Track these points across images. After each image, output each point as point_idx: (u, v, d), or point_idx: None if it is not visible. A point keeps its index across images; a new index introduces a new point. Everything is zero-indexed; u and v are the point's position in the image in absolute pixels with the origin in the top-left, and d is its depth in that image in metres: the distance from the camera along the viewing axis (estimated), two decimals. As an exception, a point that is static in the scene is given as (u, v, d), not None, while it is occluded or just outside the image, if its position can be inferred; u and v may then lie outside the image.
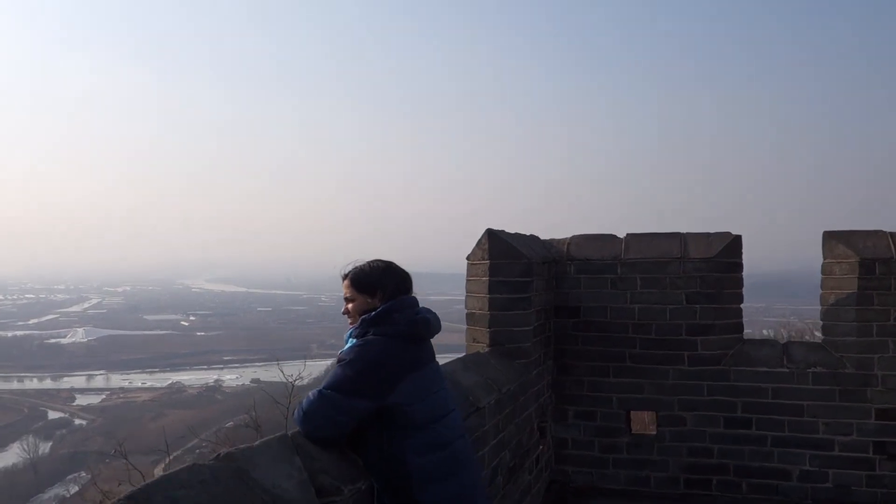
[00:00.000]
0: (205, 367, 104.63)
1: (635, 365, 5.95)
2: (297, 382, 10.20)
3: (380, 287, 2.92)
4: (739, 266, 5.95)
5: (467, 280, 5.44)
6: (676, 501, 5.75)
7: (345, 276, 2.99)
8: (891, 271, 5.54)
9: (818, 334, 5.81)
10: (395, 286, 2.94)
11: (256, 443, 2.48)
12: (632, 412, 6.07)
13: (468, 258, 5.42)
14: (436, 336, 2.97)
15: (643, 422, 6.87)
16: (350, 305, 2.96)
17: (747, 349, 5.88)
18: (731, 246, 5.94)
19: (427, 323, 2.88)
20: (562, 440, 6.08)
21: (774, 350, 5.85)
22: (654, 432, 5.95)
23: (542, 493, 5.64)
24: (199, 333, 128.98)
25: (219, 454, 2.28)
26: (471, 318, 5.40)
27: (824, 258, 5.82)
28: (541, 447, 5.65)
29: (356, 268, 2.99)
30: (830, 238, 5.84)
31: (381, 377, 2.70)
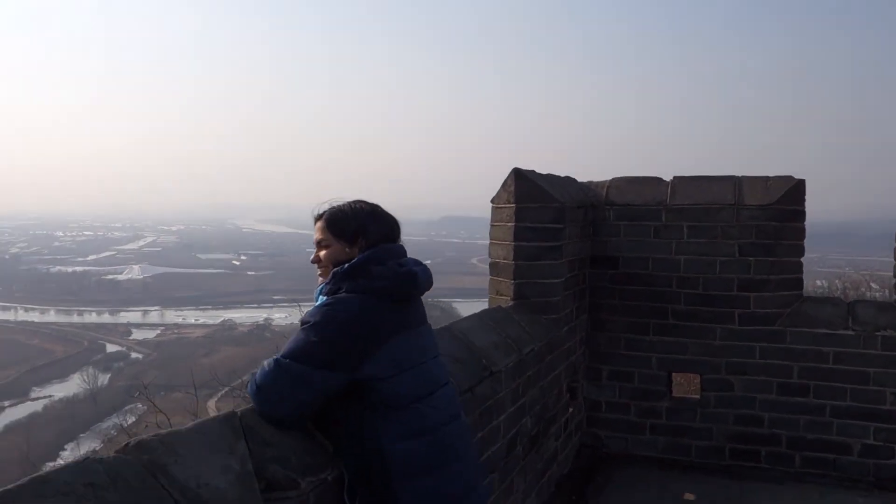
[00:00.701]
0: (255, 305, 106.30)
1: (679, 322, 5.36)
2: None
3: (362, 234, 2.38)
4: (802, 214, 5.27)
5: (491, 226, 4.88)
6: (719, 473, 5.21)
7: (318, 217, 2.45)
8: (980, 223, 4.81)
9: (875, 287, 5.12)
10: (381, 234, 2.41)
11: (188, 425, 2.00)
12: (673, 374, 5.51)
13: (493, 201, 4.85)
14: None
15: (686, 385, 6.29)
16: (322, 253, 2.43)
17: (807, 308, 5.23)
18: (793, 191, 5.25)
19: (413, 277, 2.34)
20: (595, 402, 5.56)
21: (838, 309, 5.19)
22: (698, 397, 5.38)
23: (571, 460, 5.16)
24: (249, 273, 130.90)
25: (127, 443, 1.80)
26: (494, 267, 4.86)
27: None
28: (570, 409, 5.14)
29: (334, 207, 2.46)
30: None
31: (352, 344, 2.19)
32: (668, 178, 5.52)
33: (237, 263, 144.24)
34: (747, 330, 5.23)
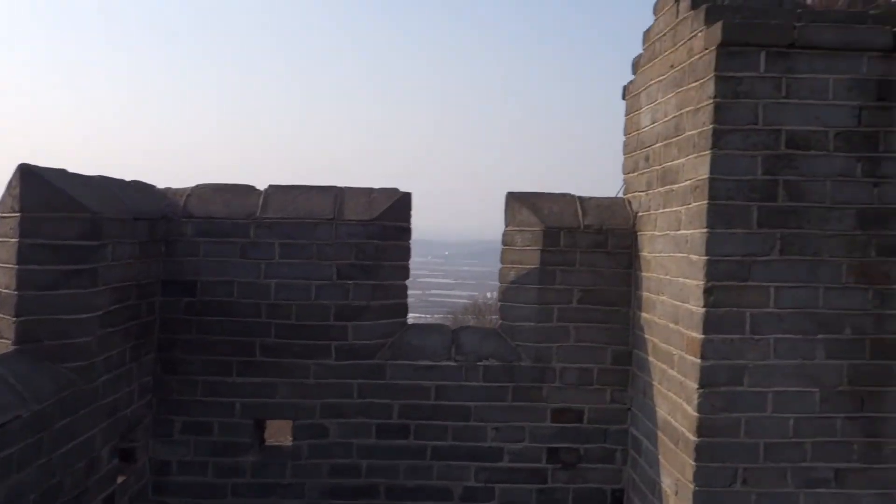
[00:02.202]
0: None
1: (268, 359, 4.50)
2: None
3: None
4: (407, 232, 4.71)
5: (-7, 243, 3.61)
6: (313, 535, 4.43)
7: None
8: (577, 244, 4.58)
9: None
10: None
11: None
12: (261, 421, 4.63)
13: (-5, 210, 3.58)
14: None
15: (276, 433, 5.48)
16: None
17: (410, 337, 4.66)
18: (398, 206, 4.68)
19: None
20: (164, 463, 4.48)
21: (443, 338, 4.69)
22: (290, 446, 4.56)
23: (124, 542, 4.03)
24: None
25: None
26: (-6, 299, 3.59)
27: (506, 225, 4.75)
28: (122, 479, 4.02)
29: None
30: (514, 201, 4.78)
31: None
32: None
33: None
34: (344, 365, 4.52)
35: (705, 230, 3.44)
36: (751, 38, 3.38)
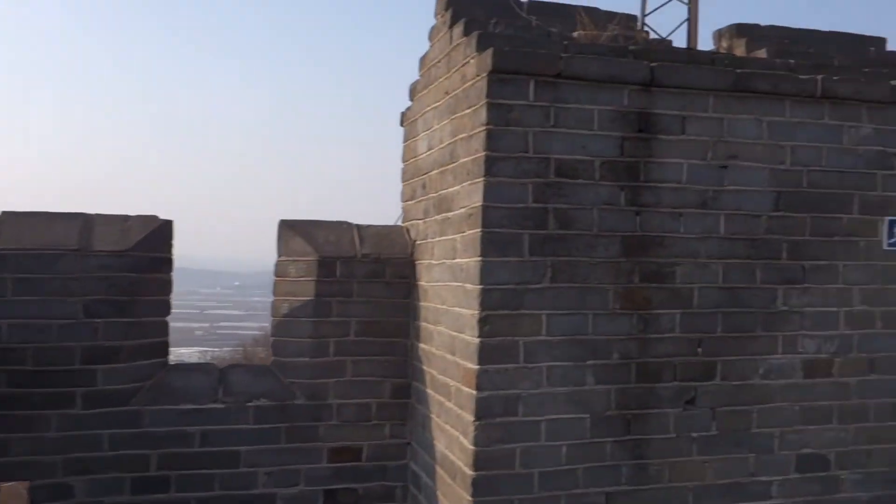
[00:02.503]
0: None
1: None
2: None
3: None
4: (168, 263, 4.28)
5: None
6: None
7: None
8: (353, 273, 4.39)
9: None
10: None
11: None
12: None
13: None
14: None
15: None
16: None
17: (172, 379, 4.23)
18: (157, 234, 4.25)
19: None
20: None
21: (209, 379, 4.30)
22: None
23: None
24: None
25: None
26: None
27: (279, 255, 4.47)
28: None
29: None
30: (287, 230, 4.51)
31: None
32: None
33: None
34: (94, 414, 4.00)
35: (479, 259, 3.38)
36: (520, 67, 3.39)
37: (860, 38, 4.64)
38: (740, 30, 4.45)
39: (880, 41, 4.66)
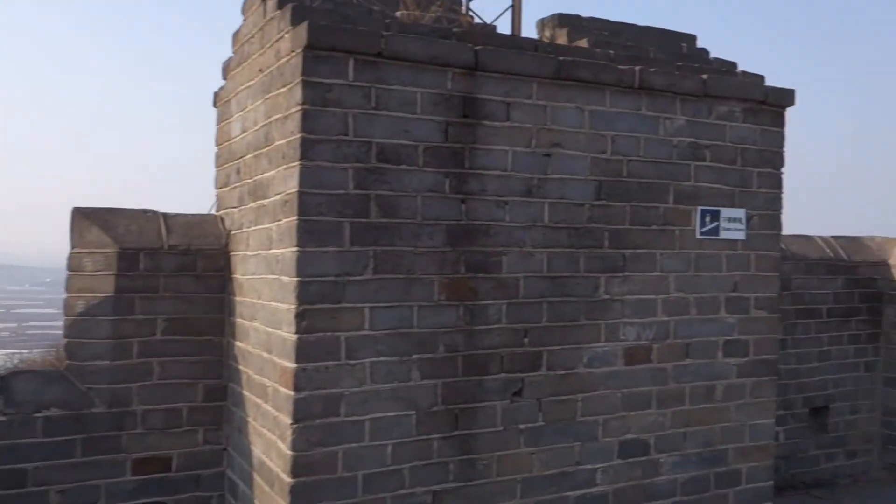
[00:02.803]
0: None
1: None
2: None
3: None
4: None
5: None
6: None
7: None
8: (160, 267, 4.00)
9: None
10: None
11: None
12: None
13: None
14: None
15: None
16: None
17: (-60, 390, 3.66)
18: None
19: None
20: None
21: (-13, 388, 3.77)
22: None
23: None
24: None
25: None
26: None
27: (72, 247, 3.99)
28: None
29: None
30: (82, 218, 4.04)
31: None
32: None
33: None
34: None
35: (296, 249, 3.13)
36: (338, 43, 3.17)
37: (673, 34, 4.77)
38: (562, 20, 4.46)
39: (691, 38, 4.82)
